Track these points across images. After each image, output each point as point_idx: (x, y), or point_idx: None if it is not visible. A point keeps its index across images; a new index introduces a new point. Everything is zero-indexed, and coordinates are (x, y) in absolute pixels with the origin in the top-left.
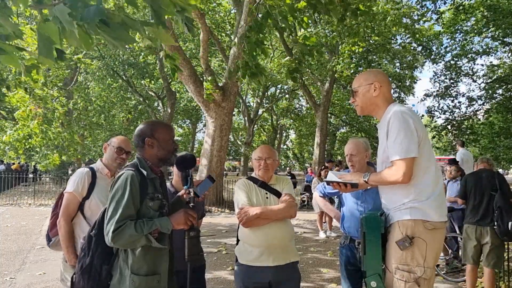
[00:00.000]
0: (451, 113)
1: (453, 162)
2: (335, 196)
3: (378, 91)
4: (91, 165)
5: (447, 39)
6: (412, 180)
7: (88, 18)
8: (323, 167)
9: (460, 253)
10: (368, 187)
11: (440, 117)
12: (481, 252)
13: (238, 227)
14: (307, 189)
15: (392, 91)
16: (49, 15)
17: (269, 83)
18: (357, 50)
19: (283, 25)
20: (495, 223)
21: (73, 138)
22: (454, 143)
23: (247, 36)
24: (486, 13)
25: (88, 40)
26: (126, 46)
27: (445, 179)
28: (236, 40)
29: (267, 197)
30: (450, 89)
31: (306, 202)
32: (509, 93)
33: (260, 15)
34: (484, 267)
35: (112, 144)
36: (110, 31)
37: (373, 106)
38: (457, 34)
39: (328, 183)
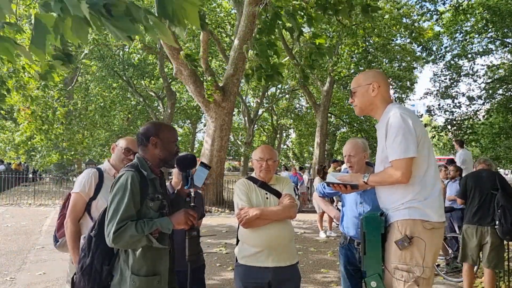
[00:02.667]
0: (451, 113)
1: (451, 162)
2: (338, 195)
3: (377, 91)
4: (98, 166)
5: (447, 39)
6: (411, 180)
7: (94, 2)
8: (323, 166)
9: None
10: (368, 188)
11: (440, 115)
12: (480, 252)
13: (238, 227)
14: None
15: (392, 91)
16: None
17: (269, 83)
18: (356, 50)
19: (291, 25)
20: (496, 223)
21: (75, 138)
22: (453, 143)
23: (256, 38)
24: (485, 14)
25: (87, 31)
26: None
27: (442, 179)
28: (236, 42)
29: (267, 198)
30: (450, 89)
31: None
32: (509, 93)
33: (268, 16)
34: (484, 268)
35: (120, 145)
36: (113, 20)
37: (372, 106)
38: (457, 34)
39: (328, 184)
